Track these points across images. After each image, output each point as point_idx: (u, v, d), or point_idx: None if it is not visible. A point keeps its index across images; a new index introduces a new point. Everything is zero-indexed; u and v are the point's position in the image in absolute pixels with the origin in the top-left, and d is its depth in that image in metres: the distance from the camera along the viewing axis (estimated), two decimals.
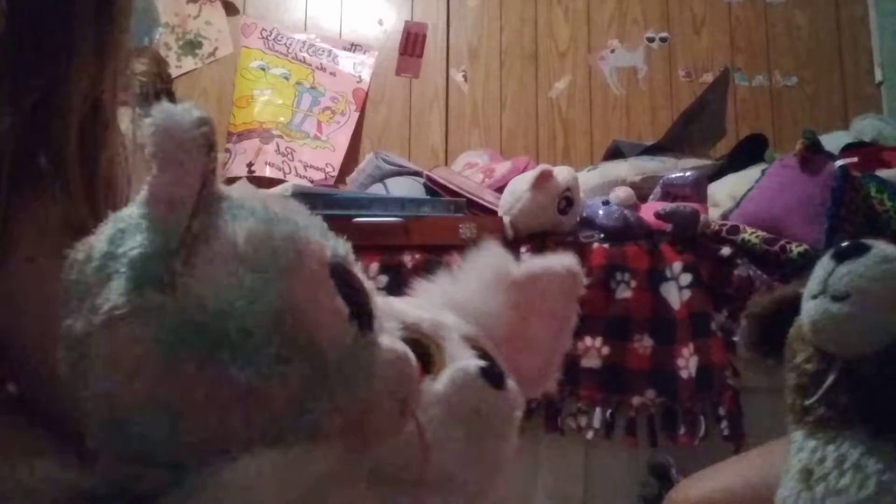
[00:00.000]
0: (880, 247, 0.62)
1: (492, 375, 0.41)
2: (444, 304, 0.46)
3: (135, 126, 0.52)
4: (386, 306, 0.42)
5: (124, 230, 0.32)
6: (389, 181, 1.64)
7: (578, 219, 1.36)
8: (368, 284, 0.37)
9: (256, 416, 0.31)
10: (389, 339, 0.36)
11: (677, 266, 1.26)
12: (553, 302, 0.45)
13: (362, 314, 0.34)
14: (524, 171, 1.54)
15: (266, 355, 0.30)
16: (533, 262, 0.48)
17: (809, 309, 0.63)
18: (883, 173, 1.40)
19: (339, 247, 0.36)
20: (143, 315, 0.29)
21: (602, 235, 1.32)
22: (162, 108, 0.31)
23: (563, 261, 0.48)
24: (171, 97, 2.24)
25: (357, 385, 0.33)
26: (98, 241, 0.33)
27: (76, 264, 0.33)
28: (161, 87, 2.16)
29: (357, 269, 0.37)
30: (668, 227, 1.30)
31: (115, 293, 0.30)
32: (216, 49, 2.31)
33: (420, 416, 0.38)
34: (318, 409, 0.32)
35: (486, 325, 0.48)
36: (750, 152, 1.71)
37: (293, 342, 0.31)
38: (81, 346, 0.30)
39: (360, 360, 0.34)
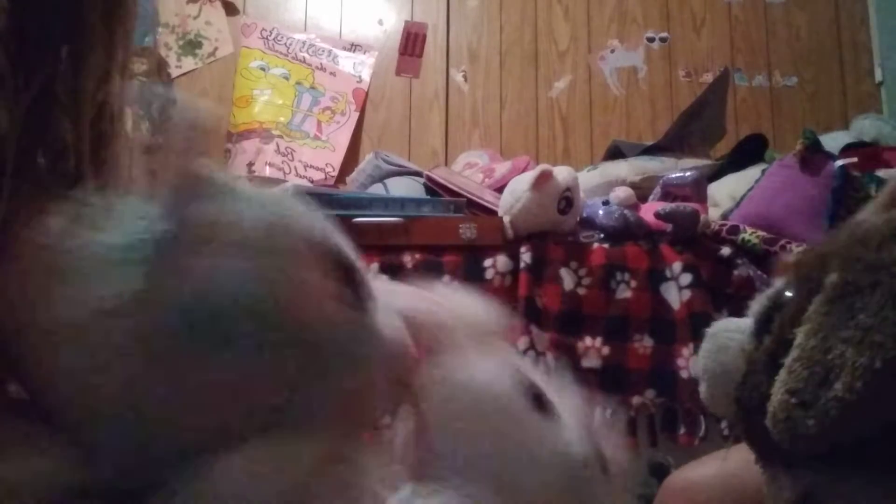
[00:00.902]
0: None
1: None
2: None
3: (134, 126, 0.52)
4: (386, 288, 0.42)
5: (122, 218, 0.32)
6: (389, 181, 1.64)
7: (578, 219, 1.36)
8: (364, 266, 0.37)
9: (254, 401, 0.31)
10: (386, 320, 0.36)
11: (677, 266, 1.27)
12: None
13: (359, 296, 0.34)
14: (524, 171, 1.54)
15: (264, 342, 0.30)
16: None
17: None
18: (883, 173, 1.40)
19: (332, 233, 0.36)
20: (142, 303, 0.29)
21: (602, 235, 1.32)
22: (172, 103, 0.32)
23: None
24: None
25: (353, 368, 0.33)
26: (95, 229, 0.33)
27: (73, 252, 0.32)
28: (161, 87, 2.17)
29: (354, 256, 0.37)
30: (668, 227, 1.30)
31: (114, 281, 0.30)
32: (216, 49, 2.31)
33: (420, 400, 0.38)
34: (315, 393, 0.32)
35: None
36: (750, 152, 1.71)
37: (290, 328, 0.31)
38: (78, 336, 0.30)
39: (357, 343, 0.34)
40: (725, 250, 1.29)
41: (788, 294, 0.56)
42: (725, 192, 1.54)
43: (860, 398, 0.46)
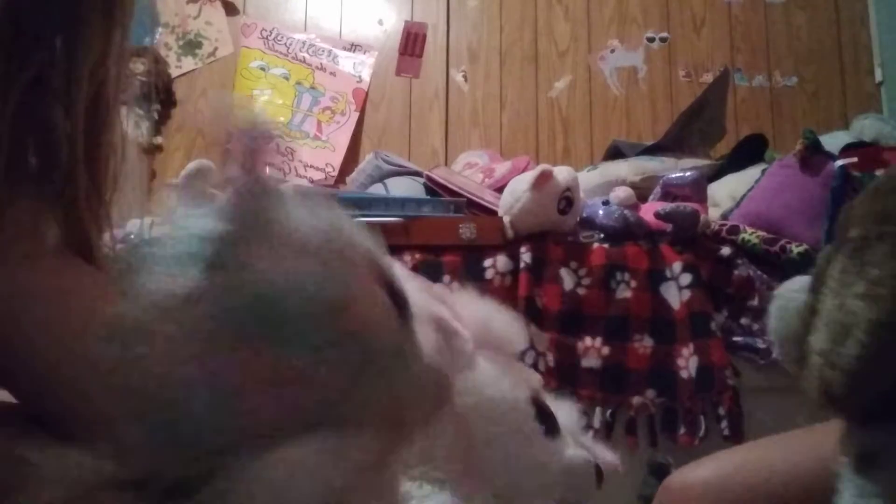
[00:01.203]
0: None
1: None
2: None
3: (135, 126, 0.51)
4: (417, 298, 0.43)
5: (183, 216, 0.32)
6: (389, 181, 1.64)
7: (578, 219, 1.36)
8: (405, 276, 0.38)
9: (307, 401, 0.31)
10: (426, 332, 0.38)
11: (677, 266, 1.27)
12: None
13: (404, 308, 0.36)
14: (524, 171, 1.54)
15: (323, 342, 0.31)
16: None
17: None
18: (883, 173, 1.40)
19: (379, 249, 0.38)
20: (209, 296, 0.30)
21: (602, 235, 1.32)
22: (226, 99, 0.33)
23: None
24: (171, 97, 2.25)
25: (401, 375, 0.34)
26: (153, 226, 0.34)
27: (130, 250, 0.34)
28: (161, 86, 2.17)
29: (394, 264, 0.38)
30: (668, 227, 1.30)
31: (180, 275, 0.30)
32: (216, 49, 2.31)
33: (459, 409, 0.40)
34: (363, 398, 0.33)
35: None
36: (750, 152, 1.71)
37: (348, 331, 0.32)
38: (136, 331, 0.31)
39: (405, 353, 0.35)
40: (725, 250, 1.29)
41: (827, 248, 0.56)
42: (725, 192, 1.54)
43: (871, 353, 0.46)
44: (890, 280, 0.46)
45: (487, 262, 1.27)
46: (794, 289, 0.64)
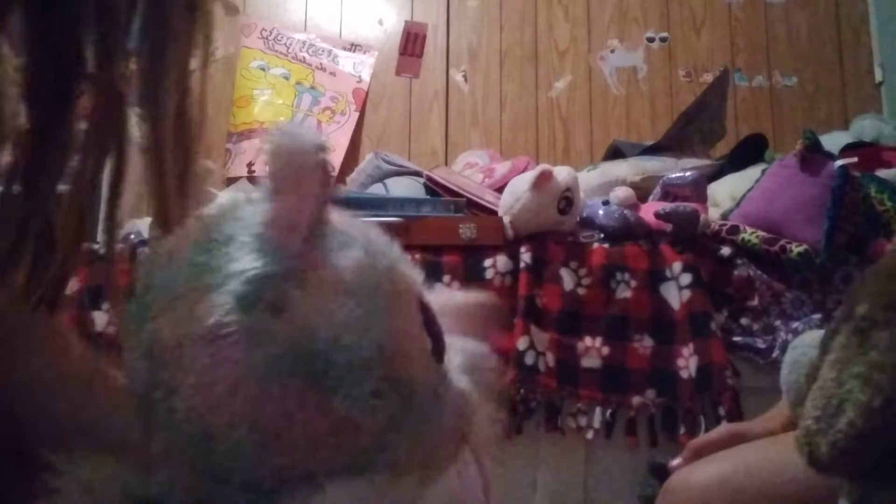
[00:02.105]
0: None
1: None
2: None
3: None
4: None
5: (222, 243, 0.31)
6: (389, 181, 1.64)
7: (578, 219, 1.36)
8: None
9: (345, 447, 0.31)
10: (456, 373, 0.37)
11: (677, 266, 1.26)
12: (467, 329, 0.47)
13: (439, 348, 0.35)
14: (524, 171, 1.54)
15: (365, 388, 0.30)
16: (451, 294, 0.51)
17: None
18: (883, 173, 1.40)
19: (417, 276, 0.37)
20: (250, 337, 0.29)
21: (602, 235, 1.32)
22: (284, 130, 0.31)
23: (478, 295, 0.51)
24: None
25: (435, 420, 0.34)
26: (184, 246, 0.32)
27: (158, 266, 0.32)
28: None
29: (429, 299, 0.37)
30: (668, 227, 1.30)
31: (220, 309, 0.29)
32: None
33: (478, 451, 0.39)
34: (401, 443, 0.32)
35: None
36: (750, 152, 1.71)
37: (390, 377, 0.31)
38: (171, 355, 0.30)
39: (440, 396, 0.34)
40: (725, 250, 1.29)
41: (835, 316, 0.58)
42: (725, 192, 1.54)
43: (861, 433, 0.48)
44: (891, 369, 0.48)
45: (487, 262, 1.27)
46: (807, 343, 0.67)
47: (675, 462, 0.90)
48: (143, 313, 0.31)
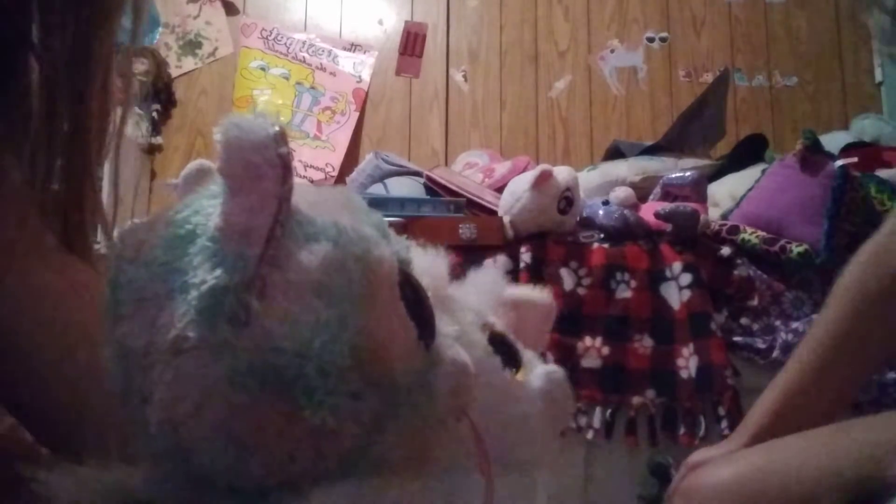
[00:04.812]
0: None
1: None
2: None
3: (135, 126, 0.50)
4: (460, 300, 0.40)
5: (186, 239, 0.29)
6: (389, 181, 1.64)
7: (578, 219, 1.36)
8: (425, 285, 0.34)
9: (327, 451, 0.29)
10: (448, 347, 0.34)
11: (677, 266, 1.26)
12: (529, 328, 0.44)
13: (426, 329, 0.32)
14: (524, 171, 1.54)
15: (341, 394, 0.29)
16: (519, 290, 0.48)
17: None
18: (883, 173, 1.40)
19: (403, 250, 0.34)
20: (214, 350, 0.27)
21: (602, 235, 1.32)
22: (233, 121, 0.27)
23: (543, 294, 0.48)
24: (171, 97, 2.25)
25: (422, 409, 0.32)
26: (152, 243, 0.30)
27: (125, 259, 0.30)
28: (161, 86, 2.17)
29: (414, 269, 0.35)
30: (668, 227, 1.30)
31: (182, 321, 0.27)
32: (216, 49, 2.31)
33: (472, 414, 0.36)
34: (388, 440, 0.31)
35: None
36: (750, 152, 1.71)
37: (368, 378, 0.29)
38: (142, 361, 0.29)
39: (426, 383, 0.32)
40: (725, 250, 1.29)
41: None
42: (725, 192, 1.54)
43: None
44: None
45: (487, 262, 1.27)
46: None
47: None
48: (114, 310, 0.30)
